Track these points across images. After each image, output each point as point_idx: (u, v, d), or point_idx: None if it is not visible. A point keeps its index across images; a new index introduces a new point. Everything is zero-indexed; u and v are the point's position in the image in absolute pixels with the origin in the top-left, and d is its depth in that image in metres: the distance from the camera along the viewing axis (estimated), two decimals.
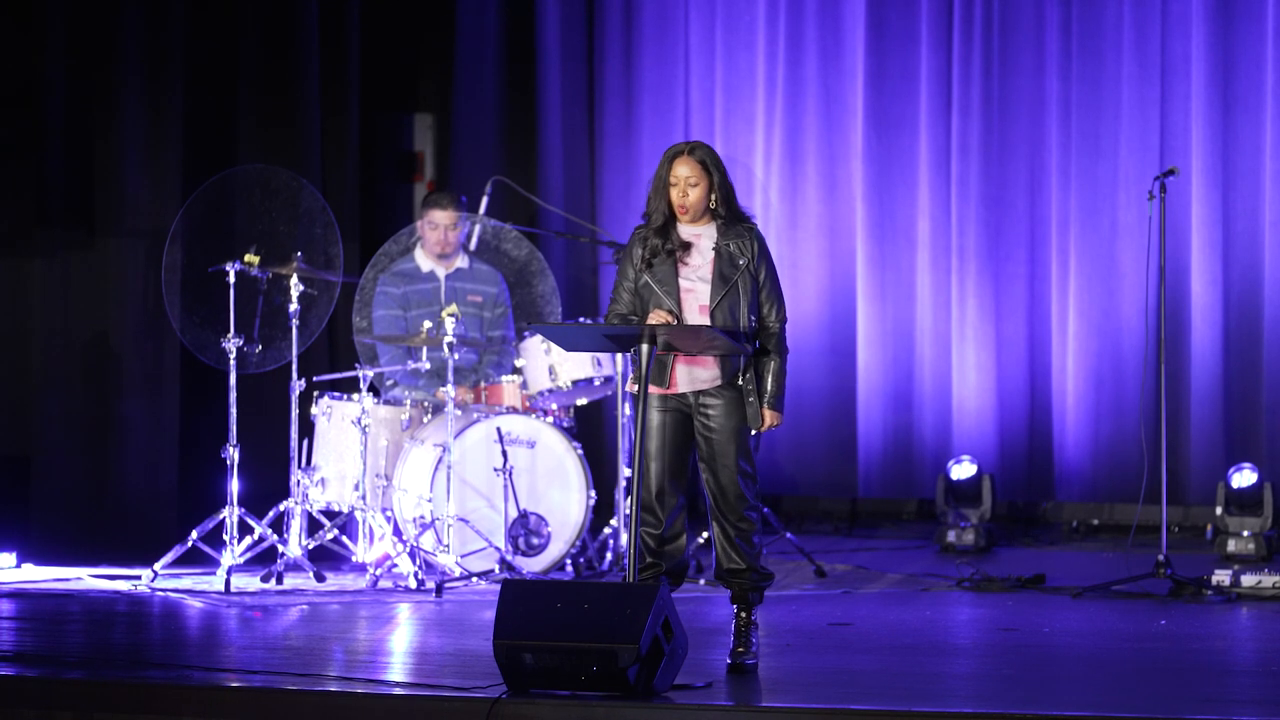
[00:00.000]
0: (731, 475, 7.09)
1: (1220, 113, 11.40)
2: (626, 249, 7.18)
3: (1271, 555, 10.46)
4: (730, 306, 7.06)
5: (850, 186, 12.11)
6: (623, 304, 7.15)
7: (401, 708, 6.59)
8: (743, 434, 7.11)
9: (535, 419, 9.79)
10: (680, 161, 7.10)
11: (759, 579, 7.20)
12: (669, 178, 7.10)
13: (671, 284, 7.08)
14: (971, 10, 11.86)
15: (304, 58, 11.16)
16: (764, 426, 7.13)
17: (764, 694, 6.81)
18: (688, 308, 7.08)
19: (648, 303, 7.10)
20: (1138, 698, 6.68)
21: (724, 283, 7.07)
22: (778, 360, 7.14)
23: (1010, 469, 11.80)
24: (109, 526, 10.69)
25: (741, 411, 7.09)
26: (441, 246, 10.22)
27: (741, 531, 7.15)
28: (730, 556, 7.17)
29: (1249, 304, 11.38)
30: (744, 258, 7.10)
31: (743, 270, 7.09)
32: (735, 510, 7.12)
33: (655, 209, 7.12)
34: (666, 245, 7.10)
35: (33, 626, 8.37)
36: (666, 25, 12.37)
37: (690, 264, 7.11)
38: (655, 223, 7.12)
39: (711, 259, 7.10)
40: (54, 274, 10.88)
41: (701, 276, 7.09)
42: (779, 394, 7.13)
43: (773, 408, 7.13)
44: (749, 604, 7.19)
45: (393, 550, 9.55)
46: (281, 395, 9.77)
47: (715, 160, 7.12)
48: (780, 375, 7.13)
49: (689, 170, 7.09)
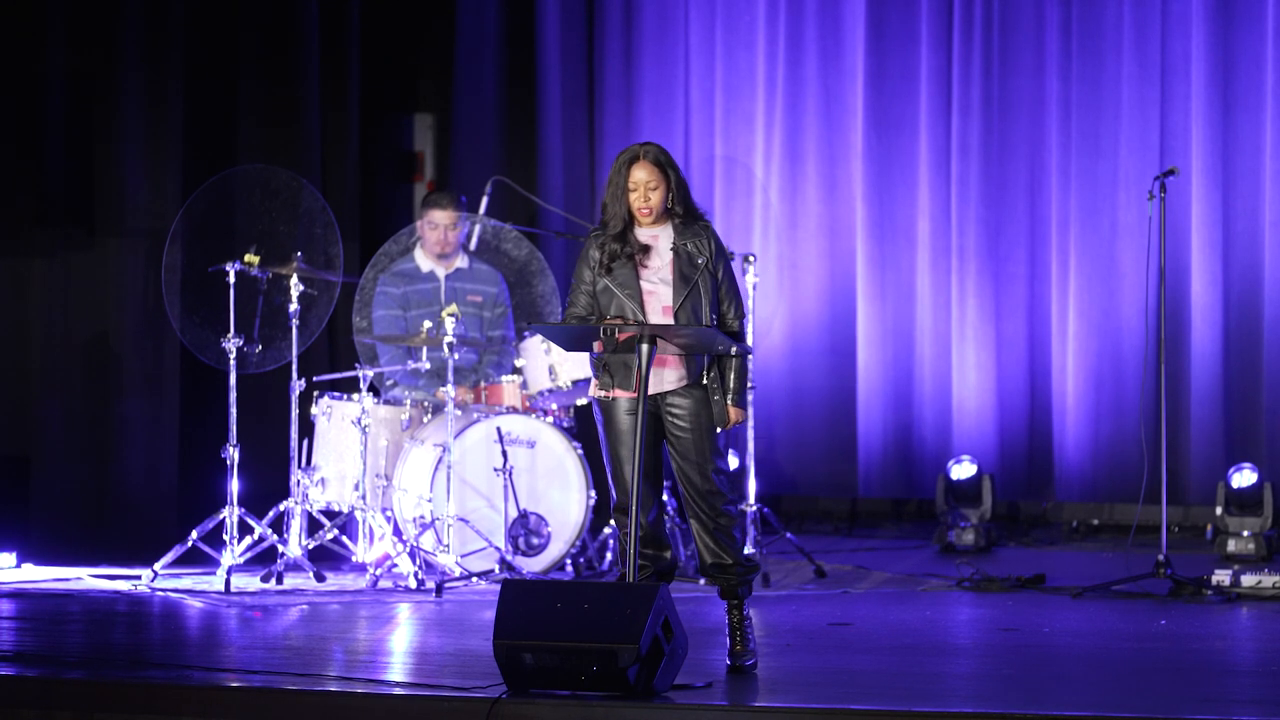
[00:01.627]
0: (705, 472, 7.09)
1: (1220, 113, 11.41)
2: (582, 253, 7.17)
3: (1271, 555, 10.46)
4: (693, 306, 7.07)
5: (850, 186, 12.11)
6: (580, 306, 7.15)
7: (401, 708, 6.59)
8: (713, 431, 7.12)
9: (535, 419, 9.79)
10: (638, 166, 7.08)
11: (745, 571, 7.18)
12: (628, 183, 7.09)
13: (633, 287, 7.08)
14: (971, 10, 11.86)
15: (304, 58, 11.16)
16: (729, 424, 7.14)
17: (764, 694, 6.81)
18: (651, 310, 7.08)
19: (607, 307, 7.10)
20: (1138, 698, 6.68)
21: (685, 283, 7.07)
22: (738, 359, 7.15)
23: (1010, 469, 11.80)
24: (109, 526, 10.69)
25: (709, 409, 7.10)
26: (441, 246, 10.22)
27: (721, 526, 7.13)
28: (713, 551, 7.15)
29: (1249, 304, 11.38)
30: (702, 256, 7.11)
31: (702, 269, 7.10)
32: (713, 506, 7.11)
33: (613, 215, 7.10)
34: (625, 249, 7.10)
35: (33, 626, 8.36)
36: (666, 25, 12.38)
37: (650, 266, 7.11)
38: (614, 229, 7.11)
39: (670, 260, 7.10)
40: (54, 274, 10.88)
41: (662, 278, 7.10)
42: (741, 390, 7.16)
43: (735, 404, 7.14)
44: (739, 598, 7.17)
45: (393, 550, 9.55)
46: (281, 395, 9.77)
47: (670, 160, 7.12)
48: (742, 372, 7.16)
49: (647, 174, 7.08)
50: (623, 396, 7.07)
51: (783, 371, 12.13)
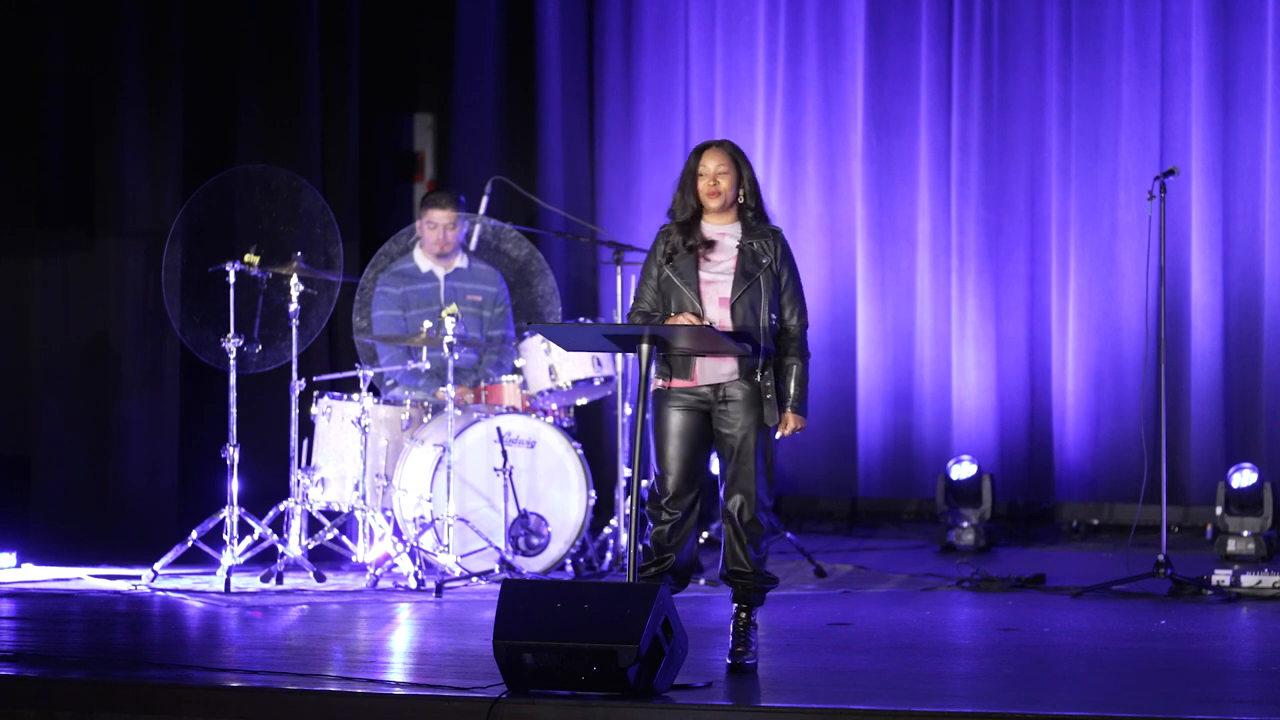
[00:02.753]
0: (749, 473, 7.08)
1: (1220, 113, 11.41)
2: (652, 247, 7.20)
3: (1271, 555, 10.47)
4: (751, 302, 7.06)
5: (850, 186, 12.11)
6: (646, 302, 7.16)
7: (401, 708, 6.59)
8: (760, 432, 7.09)
9: (535, 419, 9.79)
10: (709, 154, 7.13)
11: (762, 582, 7.19)
12: (697, 169, 7.12)
13: (691, 276, 7.08)
14: (971, 10, 11.86)
15: (304, 58, 11.16)
16: (786, 430, 7.11)
17: (764, 694, 6.81)
18: (708, 300, 7.08)
19: (668, 297, 7.11)
20: (1138, 698, 6.68)
21: (746, 278, 7.07)
22: (800, 364, 7.13)
23: (1010, 469, 11.80)
24: (109, 526, 10.70)
25: (760, 409, 7.08)
26: (440, 246, 10.22)
27: (751, 534, 7.13)
28: (736, 558, 7.16)
29: (1249, 304, 11.38)
30: (767, 257, 7.11)
31: (765, 269, 7.10)
32: (744, 510, 7.11)
33: (681, 204, 7.14)
34: (689, 242, 7.11)
35: (33, 626, 8.36)
36: (666, 26, 12.38)
37: (712, 259, 7.12)
38: (680, 218, 7.13)
39: (735, 255, 7.11)
40: (54, 274, 10.88)
41: (723, 271, 7.10)
42: (802, 398, 7.12)
43: (796, 411, 7.11)
44: (750, 604, 7.18)
45: (393, 550, 9.55)
46: (281, 395, 9.77)
47: (743, 156, 7.18)
48: (803, 379, 7.12)
49: (717, 161, 7.12)
50: (678, 388, 7.08)
51: None
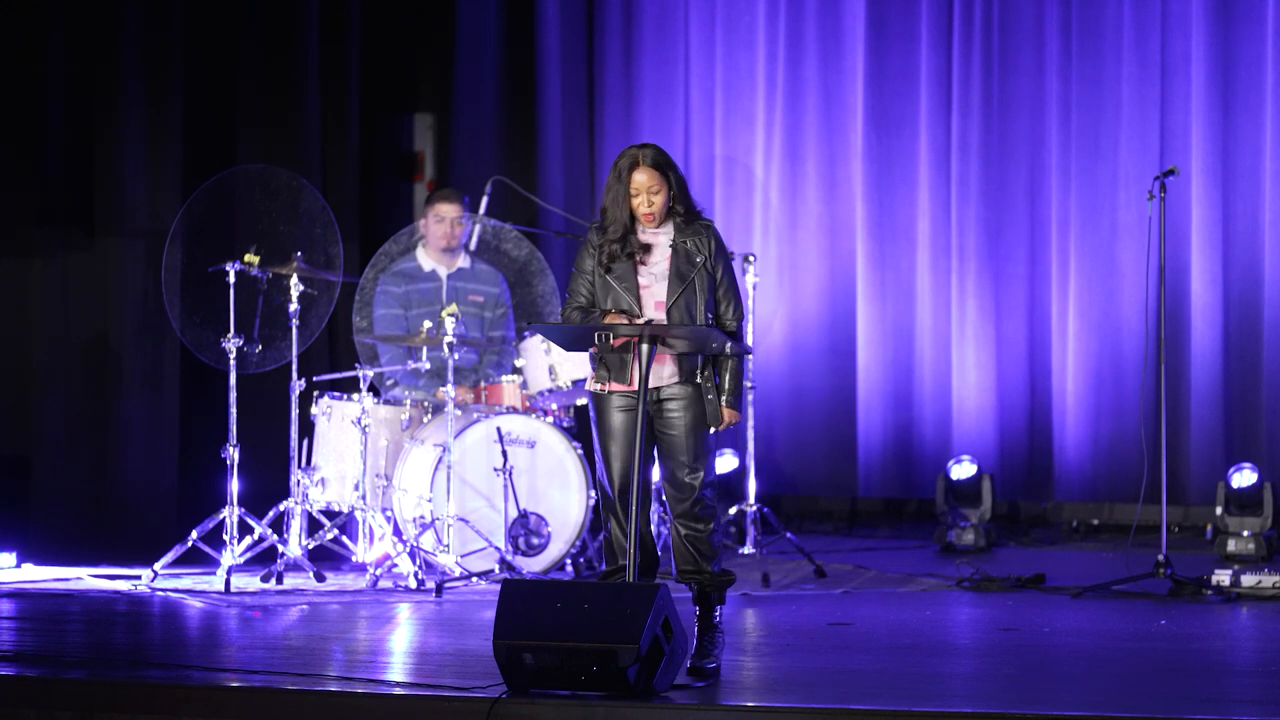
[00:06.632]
0: (688, 473, 7.06)
1: (1220, 113, 11.41)
2: (583, 246, 7.16)
3: (1271, 555, 10.46)
4: (687, 303, 7.06)
5: (850, 186, 12.11)
6: (580, 296, 7.15)
7: (401, 708, 6.59)
8: (701, 432, 7.08)
9: (535, 419, 9.79)
10: (639, 171, 7.05)
11: (717, 580, 7.15)
12: (629, 189, 7.07)
13: (630, 281, 7.07)
14: (971, 10, 11.86)
15: (304, 57, 11.16)
16: (723, 424, 7.10)
17: (764, 694, 6.82)
18: (645, 305, 7.07)
19: (604, 302, 7.09)
20: (1138, 698, 6.68)
21: (680, 280, 7.06)
22: (735, 359, 7.12)
23: (1010, 469, 11.80)
24: (109, 526, 10.69)
25: (700, 409, 7.07)
26: (447, 240, 10.22)
27: (696, 531, 7.09)
28: (685, 557, 7.13)
29: (1249, 304, 11.38)
30: (701, 254, 7.09)
31: (699, 267, 7.09)
32: (690, 510, 7.08)
33: (614, 219, 7.08)
34: (626, 250, 7.09)
35: (33, 626, 8.37)
36: (666, 25, 12.38)
37: (648, 262, 7.11)
38: (615, 234, 7.09)
39: (668, 256, 7.10)
40: (54, 274, 10.87)
41: (658, 274, 7.09)
42: (737, 391, 7.12)
43: (731, 406, 7.11)
44: (709, 603, 7.14)
45: (393, 550, 9.55)
46: (281, 395, 9.77)
47: (669, 160, 7.10)
48: (738, 374, 7.13)
49: (649, 178, 7.06)
50: (617, 391, 7.07)
51: (783, 371, 12.14)
